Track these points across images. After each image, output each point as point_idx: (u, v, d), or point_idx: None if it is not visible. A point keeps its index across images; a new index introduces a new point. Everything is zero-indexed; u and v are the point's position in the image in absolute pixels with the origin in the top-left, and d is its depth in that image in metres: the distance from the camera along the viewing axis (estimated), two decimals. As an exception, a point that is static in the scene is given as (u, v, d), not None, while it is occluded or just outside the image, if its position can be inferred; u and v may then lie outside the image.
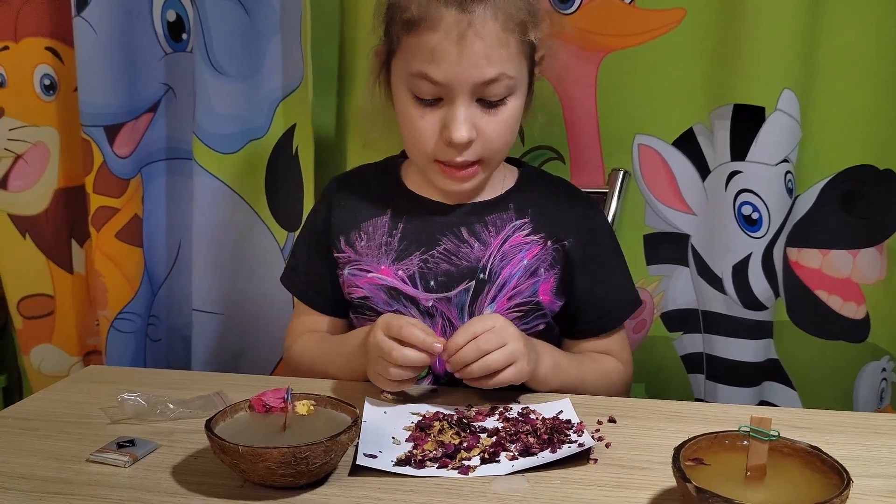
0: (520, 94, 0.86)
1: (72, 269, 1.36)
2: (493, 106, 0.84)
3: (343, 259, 0.93)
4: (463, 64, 0.81)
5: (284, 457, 0.61)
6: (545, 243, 0.91)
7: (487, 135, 0.85)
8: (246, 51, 1.17)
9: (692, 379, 1.18)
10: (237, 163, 1.19)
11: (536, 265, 0.90)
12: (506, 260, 0.89)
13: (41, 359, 1.37)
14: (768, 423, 0.56)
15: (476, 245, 0.90)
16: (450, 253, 0.89)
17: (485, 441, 0.71)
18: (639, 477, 0.66)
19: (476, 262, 0.89)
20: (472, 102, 0.83)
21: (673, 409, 0.81)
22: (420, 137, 0.86)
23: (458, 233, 0.90)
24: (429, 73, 0.82)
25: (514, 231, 0.91)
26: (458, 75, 0.81)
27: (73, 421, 0.79)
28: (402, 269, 0.90)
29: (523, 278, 0.89)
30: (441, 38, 0.81)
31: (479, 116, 0.84)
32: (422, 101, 0.84)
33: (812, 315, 1.12)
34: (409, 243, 0.90)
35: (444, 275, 0.89)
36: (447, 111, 0.83)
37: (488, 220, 0.91)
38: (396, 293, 0.89)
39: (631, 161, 1.13)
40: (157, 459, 0.70)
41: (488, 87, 0.82)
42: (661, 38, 1.09)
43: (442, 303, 0.89)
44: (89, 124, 1.21)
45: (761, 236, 1.07)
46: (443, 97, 0.84)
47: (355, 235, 0.93)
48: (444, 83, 0.82)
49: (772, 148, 1.04)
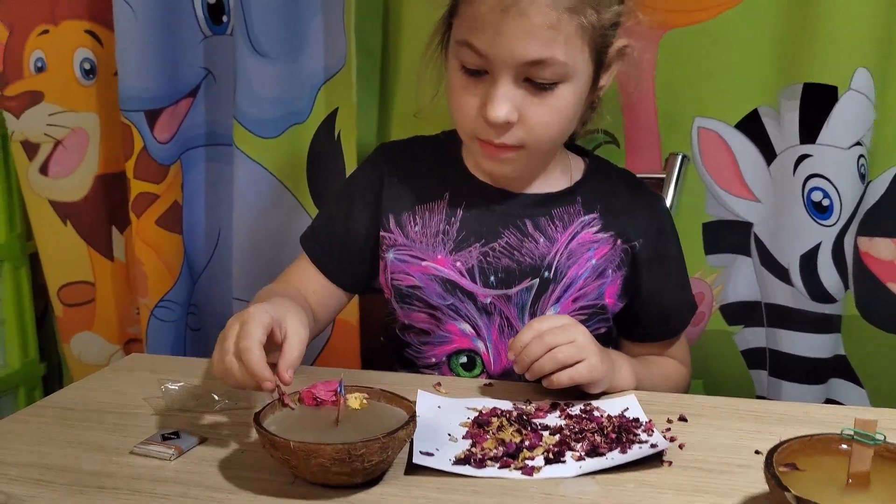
0: (576, 84, 0.79)
1: (112, 255, 1.35)
2: (542, 90, 0.78)
3: (389, 240, 0.87)
4: (504, 38, 0.75)
5: (339, 453, 0.57)
6: (614, 242, 0.86)
7: (531, 120, 0.79)
8: (287, 31, 1.14)
9: (754, 375, 1.12)
10: (278, 148, 1.16)
11: (604, 266, 0.85)
12: (573, 258, 0.84)
13: (81, 347, 1.36)
14: (873, 426, 0.51)
15: (542, 240, 0.85)
16: (512, 247, 0.84)
17: (548, 440, 0.67)
18: (719, 481, 0.61)
19: (540, 259, 0.84)
20: (518, 82, 0.77)
21: (748, 407, 0.75)
22: (462, 110, 0.81)
23: (522, 226, 0.85)
24: (473, 42, 0.77)
25: (583, 227, 0.86)
26: (498, 50, 0.76)
27: (114, 411, 0.76)
28: (461, 261, 0.85)
29: (591, 279, 0.85)
30: (488, 8, 0.76)
31: (524, 99, 0.78)
32: (468, 72, 0.79)
33: (883, 309, 1.06)
34: (468, 233, 0.85)
35: (504, 270, 0.84)
36: (489, 87, 0.78)
37: (554, 214, 0.86)
38: (453, 286, 0.85)
39: (690, 145, 1.08)
40: (203, 453, 0.67)
41: (535, 69, 0.76)
42: (725, 14, 1.03)
43: (501, 300, 0.84)
44: (129, 109, 1.19)
45: (832, 224, 1.01)
46: (488, 71, 0.78)
47: (408, 218, 0.87)
48: (486, 55, 0.77)
49: (844, 130, 0.98)
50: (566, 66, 0.77)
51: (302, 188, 1.19)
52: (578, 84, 0.80)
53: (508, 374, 0.85)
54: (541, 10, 0.75)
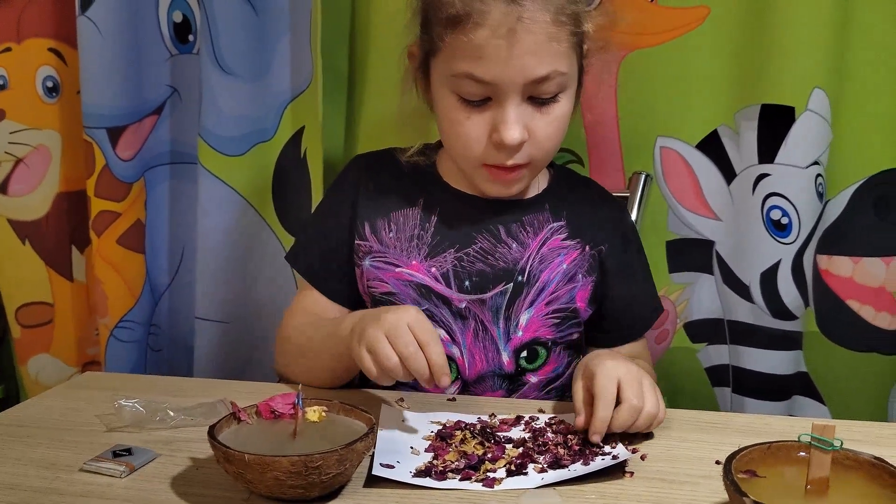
0: (570, 92, 0.81)
1: (72, 276, 1.32)
2: (545, 104, 0.78)
3: (365, 248, 0.87)
4: (513, 61, 0.75)
5: (295, 466, 0.56)
6: (583, 248, 0.87)
7: (539, 135, 0.79)
8: (254, 50, 1.14)
9: (718, 392, 1.13)
10: (244, 166, 1.16)
11: (574, 271, 0.86)
12: (545, 263, 0.85)
13: (39, 369, 1.32)
14: (832, 432, 0.51)
15: (514, 245, 0.85)
16: (486, 252, 0.85)
17: (511, 452, 0.66)
18: (680, 492, 0.60)
19: (514, 263, 0.85)
20: (522, 101, 0.78)
21: (710, 419, 0.75)
22: (467, 141, 0.80)
23: (496, 231, 0.86)
24: (476, 73, 0.76)
25: (553, 233, 0.87)
26: (507, 74, 0.75)
27: (67, 428, 0.74)
28: (436, 267, 0.84)
29: (562, 283, 0.85)
30: (488, 34, 0.75)
31: (530, 116, 0.78)
32: (468, 103, 0.79)
33: (843, 326, 1.07)
34: (442, 239, 0.85)
35: (478, 275, 0.84)
36: (496, 112, 0.78)
37: (525, 220, 0.87)
38: (428, 291, 0.84)
39: (653, 164, 1.09)
40: (156, 469, 0.65)
41: (540, 86, 0.77)
42: (684, 36, 1.05)
43: (476, 305, 0.84)
44: (92, 126, 1.17)
45: (791, 242, 1.02)
46: (491, 97, 0.78)
47: (382, 224, 0.87)
48: (492, 83, 0.76)
49: (802, 149, 1.00)
50: (566, 76, 0.79)
51: (267, 207, 1.18)
52: (572, 93, 0.82)
53: (482, 379, 0.85)
54: (542, 25, 0.75)
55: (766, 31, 1.00)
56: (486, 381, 0.85)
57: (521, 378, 0.86)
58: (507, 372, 0.85)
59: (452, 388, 0.85)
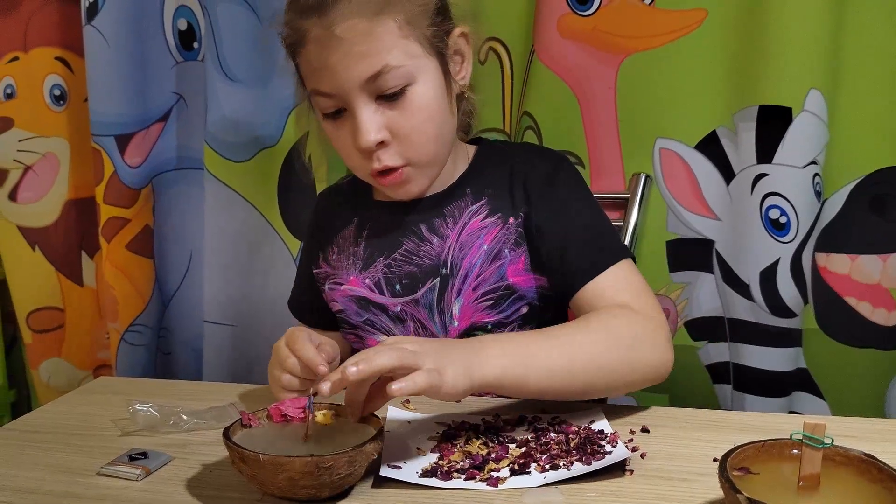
0: (426, 80, 0.80)
1: (82, 281, 1.34)
2: (395, 99, 0.78)
3: (322, 275, 0.93)
4: (339, 67, 0.77)
5: (307, 466, 0.58)
6: (505, 222, 0.85)
7: (401, 131, 0.79)
8: (258, 57, 1.16)
9: (718, 389, 1.14)
10: (249, 171, 1.18)
11: (498, 247, 0.85)
12: (465, 250, 0.85)
13: (50, 373, 1.34)
14: (822, 430, 0.52)
15: (435, 240, 0.86)
16: (411, 253, 0.87)
17: (514, 452, 0.68)
18: (679, 489, 0.62)
19: (437, 258, 0.86)
20: (371, 102, 0.78)
21: (707, 417, 0.77)
22: (343, 153, 0.84)
23: (418, 231, 0.87)
24: (318, 87, 0.80)
25: (471, 217, 0.86)
26: (339, 80, 0.77)
27: (82, 433, 0.76)
28: (369, 277, 0.88)
29: (486, 265, 0.85)
30: (314, 49, 0.78)
31: (385, 115, 0.79)
32: (331, 118, 0.82)
33: (841, 322, 1.09)
34: (372, 250, 0.89)
35: (407, 276, 0.86)
36: (352, 120, 0.80)
37: (446, 212, 0.87)
38: (366, 302, 0.88)
39: (652, 165, 1.11)
40: (171, 472, 0.67)
41: (377, 82, 0.77)
42: (682, 39, 1.06)
43: (410, 305, 0.86)
44: (100, 134, 1.19)
45: (790, 241, 1.04)
46: (344, 107, 0.80)
47: (330, 250, 0.92)
48: (333, 93, 0.79)
49: (799, 150, 1.01)
50: (405, 68, 0.78)
51: (273, 211, 1.20)
52: (429, 79, 0.80)
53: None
54: (352, 27, 0.76)
55: (763, 34, 1.01)
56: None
57: None
58: None
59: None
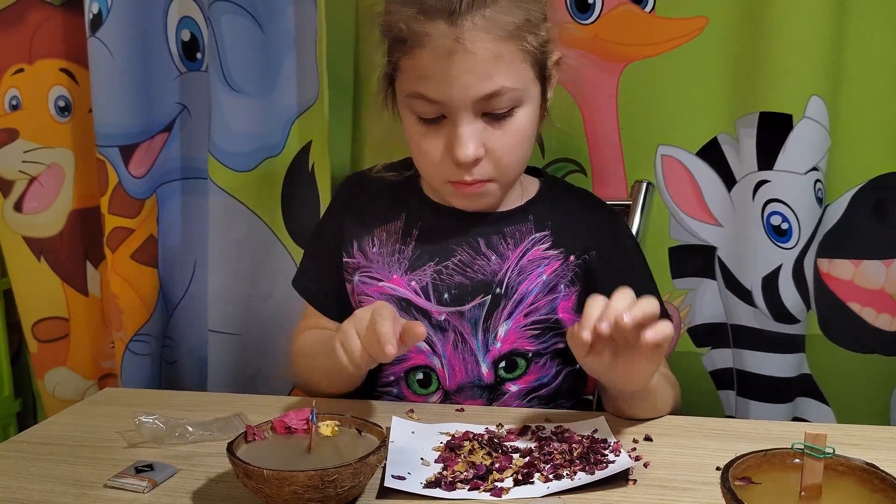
0: (529, 105, 0.82)
1: (87, 291, 1.35)
2: (500, 119, 0.80)
3: (353, 265, 0.90)
4: (456, 81, 0.76)
5: (311, 480, 0.58)
6: (566, 258, 0.87)
7: (497, 151, 0.81)
8: (261, 68, 1.16)
9: (722, 395, 1.14)
10: (253, 181, 1.18)
11: (556, 281, 0.87)
12: (524, 275, 0.86)
13: (55, 383, 1.35)
14: (824, 440, 0.53)
15: (493, 258, 0.86)
16: (465, 265, 0.87)
17: (517, 461, 0.68)
18: (682, 498, 0.63)
19: (492, 275, 0.86)
20: (476, 118, 0.79)
21: (710, 426, 0.77)
22: (427, 159, 0.83)
23: (475, 244, 0.87)
24: (424, 93, 0.79)
25: (534, 244, 0.87)
26: (453, 93, 0.77)
27: (89, 445, 0.76)
28: (416, 280, 0.87)
29: (541, 294, 0.86)
30: (431, 55, 0.77)
31: (485, 132, 0.80)
32: (425, 122, 0.81)
33: (845, 328, 1.09)
34: (422, 252, 0.88)
35: (457, 287, 0.86)
36: (451, 130, 0.80)
37: (507, 232, 0.88)
38: (408, 304, 0.87)
39: (654, 172, 1.11)
40: (177, 484, 0.68)
41: (490, 102, 0.78)
42: (683, 46, 1.07)
43: (454, 317, 0.86)
44: (104, 144, 1.20)
45: (791, 247, 1.04)
46: (445, 115, 0.80)
47: (367, 240, 0.90)
48: (441, 102, 0.78)
49: (800, 156, 1.02)
50: (518, 92, 0.79)
51: (277, 220, 1.21)
52: (532, 105, 0.82)
53: (462, 389, 0.87)
54: (483, 45, 0.76)
55: (764, 41, 1.01)
56: (466, 391, 0.86)
57: (501, 388, 0.87)
58: (486, 382, 0.86)
59: (434, 397, 0.87)
